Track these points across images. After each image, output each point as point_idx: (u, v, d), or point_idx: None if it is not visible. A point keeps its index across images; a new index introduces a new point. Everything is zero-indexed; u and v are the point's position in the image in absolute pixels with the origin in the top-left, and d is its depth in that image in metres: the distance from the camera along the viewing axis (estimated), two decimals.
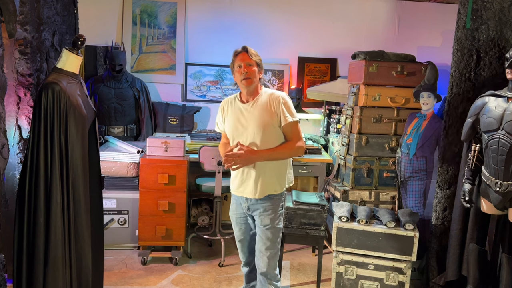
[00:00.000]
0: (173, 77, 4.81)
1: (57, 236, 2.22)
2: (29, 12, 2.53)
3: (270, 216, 2.50)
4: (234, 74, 2.45)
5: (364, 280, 2.97)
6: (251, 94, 2.45)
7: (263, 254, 2.54)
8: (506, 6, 2.80)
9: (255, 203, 2.51)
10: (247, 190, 2.48)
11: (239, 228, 2.67)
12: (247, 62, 2.39)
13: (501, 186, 2.43)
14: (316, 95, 4.59)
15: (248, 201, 2.52)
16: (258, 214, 2.51)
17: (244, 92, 2.47)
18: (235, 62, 2.43)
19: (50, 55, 2.81)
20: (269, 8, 4.80)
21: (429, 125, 3.47)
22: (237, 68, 2.41)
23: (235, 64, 2.43)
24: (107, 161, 3.62)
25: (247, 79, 2.38)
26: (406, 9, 4.92)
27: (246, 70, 2.37)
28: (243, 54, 2.41)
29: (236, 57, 2.43)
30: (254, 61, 2.40)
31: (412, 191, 3.55)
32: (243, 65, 2.37)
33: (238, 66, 2.40)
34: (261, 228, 2.52)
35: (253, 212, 2.54)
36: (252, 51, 2.43)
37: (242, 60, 2.39)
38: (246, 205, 2.54)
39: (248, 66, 2.38)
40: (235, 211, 2.65)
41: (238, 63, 2.40)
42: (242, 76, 2.37)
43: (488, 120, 2.50)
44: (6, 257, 2.34)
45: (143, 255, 3.53)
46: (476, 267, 2.66)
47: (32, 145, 2.20)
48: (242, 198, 2.53)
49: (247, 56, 2.40)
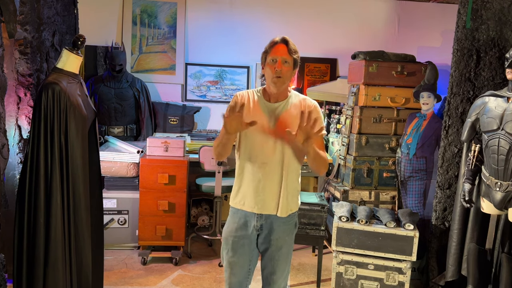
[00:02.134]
0: (173, 77, 4.81)
1: (57, 236, 2.22)
2: (29, 12, 2.53)
3: (289, 238, 2.14)
4: (265, 66, 2.04)
5: (364, 280, 2.97)
6: (280, 94, 2.06)
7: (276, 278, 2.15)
8: (506, 6, 2.80)
9: (273, 222, 2.07)
10: (266, 205, 2.04)
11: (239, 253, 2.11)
12: (284, 58, 1.99)
13: (501, 186, 2.43)
14: (316, 95, 4.58)
15: (261, 218, 2.07)
16: (275, 236, 2.09)
17: (271, 91, 2.06)
18: (269, 53, 2.01)
19: (50, 55, 2.81)
20: (269, 8, 4.80)
21: (429, 125, 3.47)
22: (271, 62, 2.00)
23: (269, 56, 2.01)
24: (107, 161, 3.62)
25: (278, 78, 1.99)
26: (406, 9, 4.92)
27: (281, 68, 1.98)
28: (282, 46, 2.01)
29: (272, 48, 2.02)
30: (292, 58, 2.01)
31: (412, 191, 3.55)
32: (278, 61, 1.98)
33: (272, 60, 1.99)
34: (272, 248, 2.10)
35: (266, 231, 2.09)
36: (293, 46, 2.03)
37: (279, 53, 1.99)
38: (258, 224, 2.07)
39: (284, 63, 1.99)
40: (235, 232, 2.10)
41: (273, 57, 1.99)
42: (274, 73, 1.98)
43: (488, 120, 2.50)
44: (6, 257, 2.34)
45: (143, 255, 3.53)
46: (476, 267, 2.66)
47: (32, 145, 2.20)
48: (252, 214, 2.07)
49: (286, 51, 2.00)
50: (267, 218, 2.07)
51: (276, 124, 2.01)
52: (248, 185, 2.06)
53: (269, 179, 2.03)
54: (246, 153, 2.05)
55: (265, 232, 2.10)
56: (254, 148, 2.03)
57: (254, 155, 2.03)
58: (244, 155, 2.06)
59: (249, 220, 2.09)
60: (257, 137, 2.02)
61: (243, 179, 2.07)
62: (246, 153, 2.05)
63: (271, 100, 2.07)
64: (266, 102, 2.07)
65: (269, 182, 2.04)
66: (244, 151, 2.06)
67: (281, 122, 2.00)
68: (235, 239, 2.11)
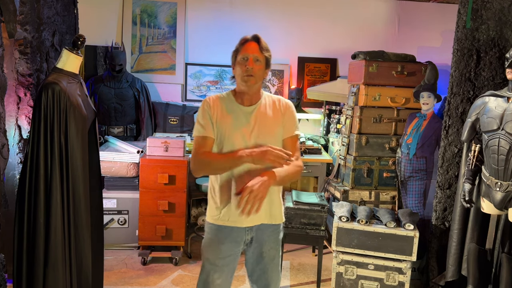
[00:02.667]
0: (173, 77, 4.81)
1: (57, 236, 2.22)
2: (29, 12, 2.53)
3: (279, 247, 2.05)
4: (235, 65, 1.93)
5: (364, 280, 2.97)
6: (252, 95, 1.95)
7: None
8: (506, 6, 2.80)
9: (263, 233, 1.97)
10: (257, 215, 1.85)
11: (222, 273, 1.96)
12: (256, 56, 1.88)
13: (501, 186, 2.43)
14: (316, 95, 4.59)
15: (251, 231, 1.95)
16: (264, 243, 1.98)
17: (243, 92, 1.95)
18: (240, 51, 1.91)
19: (50, 55, 2.81)
20: (269, 8, 4.80)
21: (429, 125, 3.47)
22: (241, 60, 1.89)
23: (239, 54, 1.90)
24: (107, 161, 3.62)
25: (249, 77, 1.88)
26: (406, 9, 4.92)
27: (252, 66, 1.87)
28: (253, 44, 1.91)
29: (243, 45, 1.91)
30: (264, 56, 1.91)
31: (412, 191, 3.55)
32: (250, 59, 1.87)
33: (243, 58, 1.89)
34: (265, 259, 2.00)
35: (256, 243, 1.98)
36: (264, 44, 1.93)
37: (250, 51, 1.89)
38: (249, 237, 1.96)
39: (255, 62, 1.88)
40: (223, 253, 1.94)
41: (244, 55, 1.89)
42: (245, 72, 1.88)
43: (488, 120, 2.50)
44: (6, 257, 2.34)
45: (143, 255, 3.53)
46: (476, 267, 2.66)
47: (32, 145, 2.20)
48: (241, 229, 1.94)
49: (258, 49, 1.90)
50: (257, 229, 1.96)
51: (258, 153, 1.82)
52: (231, 198, 1.89)
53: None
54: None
55: (255, 245, 1.98)
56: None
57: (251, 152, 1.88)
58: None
59: (238, 235, 1.94)
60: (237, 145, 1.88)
61: (223, 192, 1.92)
62: None
63: (245, 103, 1.95)
64: (239, 105, 1.94)
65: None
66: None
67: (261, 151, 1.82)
68: (224, 262, 1.96)
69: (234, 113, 1.94)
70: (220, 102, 1.95)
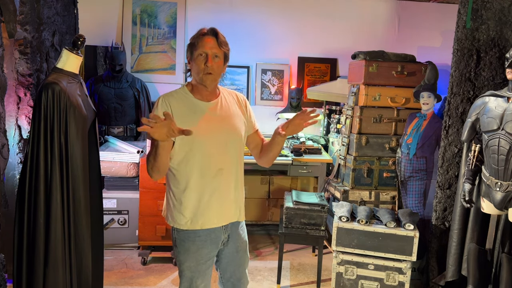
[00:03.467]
0: (173, 77, 4.81)
1: (57, 236, 2.22)
2: (29, 12, 2.53)
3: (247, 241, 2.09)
4: (193, 60, 1.84)
5: (364, 280, 2.97)
6: (212, 91, 1.90)
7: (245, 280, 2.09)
8: (506, 6, 2.80)
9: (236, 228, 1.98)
10: (230, 213, 1.92)
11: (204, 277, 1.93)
12: (214, 52, 1.81)
13: (501, 186, 2.43)
14: (316, 95, 4.59)
15: (227, 229, 1.94)
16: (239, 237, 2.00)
17: (201, 88, 1.87)
18: (197, 46, 1.81)
19: (50, 55, 2.81)
20: (269, 8, 4.80)
21: (429, 125, 3.47)
22: (199, 57, 1.81)
23: (197, 50, 1.81)
24: (107, 161, 3.62)
25: (209, 75, 1.81)
26: (406, 9, 4.92)
27: (211, 64, 1.80)
28: (211, 39, 1.82)
29: (200, 40, 1.81)
30: (222, 52, 1.84)
31: (412, 191, 3.55)
32: (208, 56, 1.80)
33: (201, 55, 1.80)
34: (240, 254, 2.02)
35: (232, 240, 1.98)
36: (223, 38, 1.85)
37: (208, 47, 1.80)
38: (226, 235, 1.95)
39: (214, 58, 1.81)
40: (204, 258, 1.90)
41: (202, 50, 1.80)
42: (204, 70, 1.81)
43: (488, 120, 2.50)
44: (6, 257, 2.35)
45: (143, 255, 3.53)
46: (476, 267, 2.66)
47: (32, 145, 2.20)
48: (219, 229, 1.91)
49: (216, 44, 1.82)
50: (231, 226, 1.95)
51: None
52: (203, 199, 1.84)
53: (226, 185, 1.88)
54: (194, 164, 1.82)
55: (231, 242, 1.97)
56: (207, 155, 1.82)
57: (207, 163, 1.82)
58: (192, 167, 1.82)
59: (216, 236, 1.91)
60: (207, 143, 1.82)
61: (192, 195, 1.84)
62: (194, 164, 1.82)
63: (205, 99, 1.88)
64: (199, 101, 1.86)
65: (226, 188, 1.88)
66: (191, 162, 1.82)
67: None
68: (205, 266, 1.92)
69: (194, 109, 1.86)
70: (178, 100, 1.85)
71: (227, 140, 1.87)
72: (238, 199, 1.94)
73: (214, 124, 1.85)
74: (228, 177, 1.88)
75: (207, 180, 1.84)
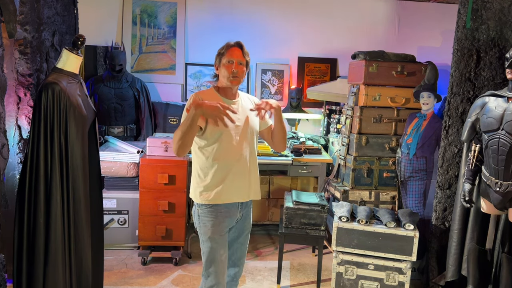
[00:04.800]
0: (173, 77, 4.81)
1: (57, 236, 2.22)
2: (29, 12, 2.53)
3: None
4: (220, 67, 2.22)
5: (364, 280, 2.97)
6: (235, 92, 2.28)
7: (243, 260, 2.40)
8: (506, 6, 2.80)
9: (248, 206, 2.31)
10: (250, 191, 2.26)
11: (225, 248, 2.24)
12: (239, 60, 2.20)
13: (501, 186, 2.43)
14: (316, 95, 4.59)
15: (242, 207, 2.27)
16: (248, 218, 2.34)
17: (227, 89, 2.25)
18: (225, 55, 2.20)
19: (50, 55, 2.81)
20: (269, 8, 4.80)
21: (429, 125, 3.47)
22: (227, 63, 2.19)
23: (225, 58, 2.20)
24: (107, 161, 3.62)
25: (235, 78, 2.19)
26: (406, 9, 4.92)
27: (237, 69, 2.18)
28: (237, 50, 2.22)
29: (228, 50, 2.21)
30: (246, 61, 2.24)
31: (412, 191, 3.55)
32: (235, 62, 2.18)
33: (229, 62, 2.18)
34: (245, 233, 2.35)
35: (242, 219, 2.30)
36: (246, 50, 2.25)
37: (235, 56, 2.19)
38: (240, 214, 2.28)
39: (239, 65, 2.19)
40: (224, 230, 2.22)
41: (229, 58, 2.19)
42: (231, 74, 2.17)
43: (488, 120, 2.50)
44: (6, 257, 2.34)
45: (143, 255, 3.53)
46: (476, 267, 2.66)
47: (32, 145, 2.20)
48: (235, 206, 2.23)
49: (241, 54, 2.21)
50: (245, 205, 2.27)
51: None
52: (227, 178, 2.16)
53: (245, 169, 2.21)
54: (222, 150, 2.15)
55: (241, 221, 2.29)
56: (232, 143, 2.16)
57: (232, 149, 2.16)
58: (220, 151, 2.15)
59: (233, 212, 2.22)
60: (233, 133, 2.17)
61: (216, 175, 2.17)
62: (222, 149, 2.15)
63: (230, 97, 2.25)
64: (226, 99, 2.22)
65: (244, 171, 2.21)
66: (219, 147, 2.15)
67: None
68: (224, 238, 2.23)
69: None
70: (209, 97, 2.17)
71: (247, 132, 2.22)
72: (252, 181, 2.25)
73: (238, 117, 2.18)
74: (247, 162, 2.22)
75: (231, 163, 2.16)
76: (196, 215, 2.23)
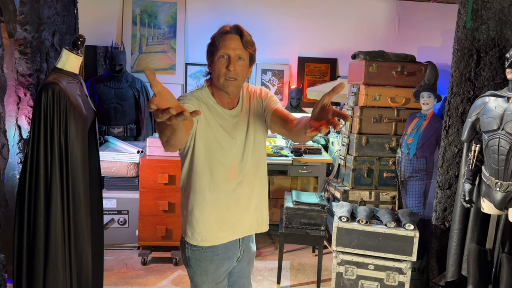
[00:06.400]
0: (173, 77, 4.81)
1: (57, 236, 2.22)
2: (29, 12, 2.53)
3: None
4: (214, 61, 1.57)
5: (364, 280, 2.97)
6: (234, 98, 1.66)
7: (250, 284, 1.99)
8: (506, 6, 2.80)
9: (250, 239, 1.83)
10: (251, 224, 1.75)
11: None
12: (238, 54, 1.56)
13: (501, 186, 2.43)
14: (316, 95, 4.59)
15: (243, 243, 1.79)
16: (251, 253, 1.87)
17: (222, 94, 1.63)
18: (219, 46, 1.55)
19: (50, 55, 2.81)
20: (269, 8, 4.80)
21: (429, 125, 3.47)
22: (221, 59, 1.55)
23: (219, 50, 1.55)
24: (107, 161, 3.62)
25: (232, 80, 1.57)
26: (406, 9, 4.92)
27: (234, 68, 1.55)
28: (235, 39, 1.57)
29: (222, 39, 1.56)
30: (248, 53, 1.60)
31: (412, 191, 3.55)
32: (232, 58, 1.55)
33: (223, 57, 1.55)
34: (248, 269, 1.91)
35: (243, 255, 1.82)
36: (248, 37, 1.61)
37: (232, 48, 1.55)
38: (241, 252, 1.79)
39: (238, 61, 1.56)
40: (221, 277, 1.74)
41: (225, 51, 1.55)
42: (226, 73, 1.55)
43: (488, 120, 2.50)
44: (6, 257, 2.35)
45: (143, 255, 3.53)
46: (476, 267, 2.66)
47: (32, 145, 2.20)
48: (235, 243, 1.74)
49: (241, 44, 1.57)
50: (246, 240, 1.80)
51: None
52: (221, 213, 1.66)
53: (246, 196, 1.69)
54: (212, 181, 1.63)
55: (243, 257, 1.83)
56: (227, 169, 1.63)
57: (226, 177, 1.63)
58: (210, 183, 1.63)
59: (233, 252, 1.75)
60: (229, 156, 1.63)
61: (210, 209, 1.65)
62: (212, 181, 1.63)
63: (225, 106, 1.64)
64: (224, 109, 1.63)
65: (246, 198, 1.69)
66: (208, 179, 1.63)
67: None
68: (222, 285, 1.75)
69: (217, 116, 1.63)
70: (203, 102, 1.63)
71: (248, 149, 1.66)
72: (258, 207, 1.75)
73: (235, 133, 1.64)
74: (248, 187, 1.69)
75: (226, 193, 1.65)
76: (186, 258, 1.74)
